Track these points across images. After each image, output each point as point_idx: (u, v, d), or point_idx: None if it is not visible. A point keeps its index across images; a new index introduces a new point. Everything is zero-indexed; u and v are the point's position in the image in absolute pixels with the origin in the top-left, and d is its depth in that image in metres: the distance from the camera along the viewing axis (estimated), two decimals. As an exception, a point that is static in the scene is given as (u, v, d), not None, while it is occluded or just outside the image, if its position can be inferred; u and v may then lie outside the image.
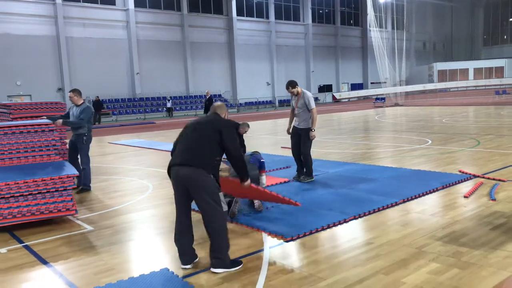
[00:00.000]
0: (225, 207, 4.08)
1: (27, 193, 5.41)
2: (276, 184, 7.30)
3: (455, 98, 37.15)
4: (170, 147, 4.53)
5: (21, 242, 5.07)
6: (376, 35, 31.80)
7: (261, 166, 6.29)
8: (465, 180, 7.00)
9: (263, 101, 42.22)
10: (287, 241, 4.65)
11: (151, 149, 13.39)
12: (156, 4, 36.22)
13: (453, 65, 52.49)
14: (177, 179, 4.01)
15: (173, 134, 18.61)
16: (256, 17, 42.77)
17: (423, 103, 32.74)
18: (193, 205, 4.14)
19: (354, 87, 50.50)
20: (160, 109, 35.43)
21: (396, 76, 32.76)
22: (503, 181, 6.80)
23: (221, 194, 4.07)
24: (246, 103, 41.05)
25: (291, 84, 7.36)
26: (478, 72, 49.74)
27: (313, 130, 7.33)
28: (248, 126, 7.50)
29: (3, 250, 4.83)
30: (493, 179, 6.98)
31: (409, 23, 47.06)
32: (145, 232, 5.33)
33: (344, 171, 8.23)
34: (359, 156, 10.15)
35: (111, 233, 5.31)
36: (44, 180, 5.50)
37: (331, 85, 47.94)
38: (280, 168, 8.70)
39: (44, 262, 4.45)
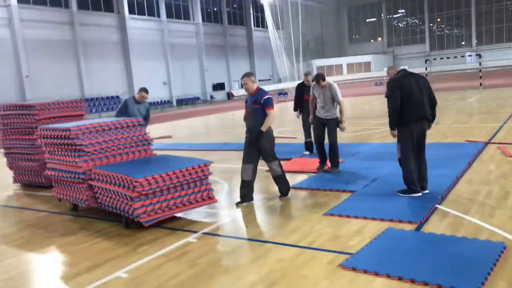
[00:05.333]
0: None
1: (178, 185, 5.35)
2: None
3: (342, 90, 41.05)
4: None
5: (193, 231, 5.05)
6: (274, 35, 33.71)
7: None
8: (484, 148, 8.51)
9: (160, 101, 41.53)
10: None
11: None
12: (41, 0, 33.29)
13: (329, 61, 57.80)
14: None
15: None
16: (148, 15, 41.85)
17: (319, 96, 35.69)
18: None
19: (243, 84, 52.15)
20: (55, 114, 32.63)
21: (295, 72, 35.15)
22: (512, 144, 8.51)
23: None
24: (144, 103, 39.97)
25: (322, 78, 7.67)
26: (350, 67, 55.58)
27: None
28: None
29: (192, 239, 4.79)
30: (505, 143, 8.61)
31: (285, 23, 50.35)
32: (298, 204, 5.65)
33: (368, 150, 9.29)
34: (350, 138, 11.26)
35: (268, 208, 5.56)
36: (188, 169, 5.47)
37: (223, 83, 49.07)
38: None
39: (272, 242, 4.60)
